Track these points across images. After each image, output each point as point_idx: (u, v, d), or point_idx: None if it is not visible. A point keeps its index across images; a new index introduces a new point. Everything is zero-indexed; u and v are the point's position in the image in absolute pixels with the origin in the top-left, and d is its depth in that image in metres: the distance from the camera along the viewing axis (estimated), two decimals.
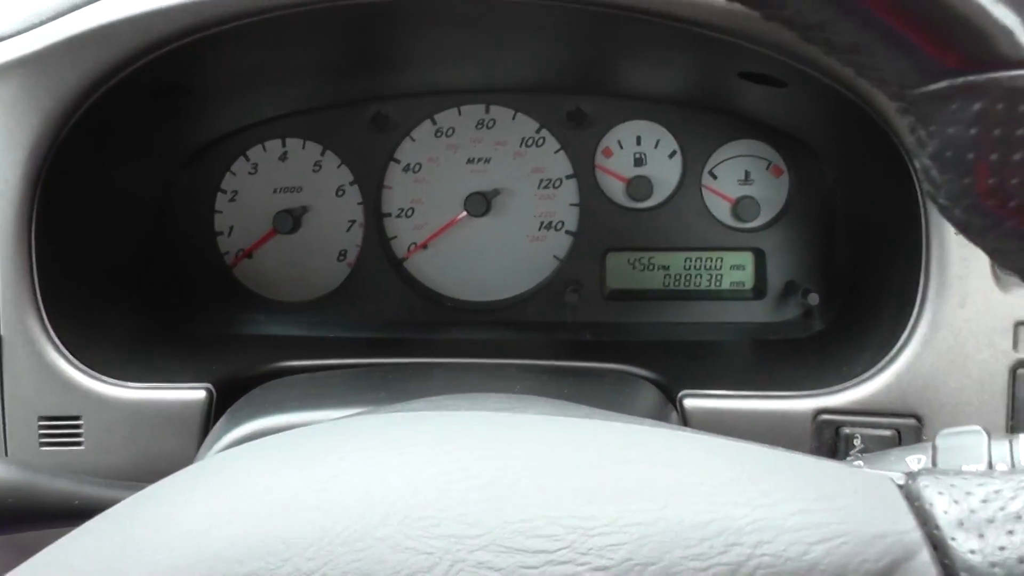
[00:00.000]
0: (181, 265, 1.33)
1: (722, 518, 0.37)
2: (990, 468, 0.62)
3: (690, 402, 0.96)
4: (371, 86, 1.31)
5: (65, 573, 0.40)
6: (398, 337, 1.26)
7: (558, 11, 0.96)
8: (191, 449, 0.97)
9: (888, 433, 0.91)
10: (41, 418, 0.98)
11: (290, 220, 1.32)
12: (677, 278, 1.32)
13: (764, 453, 0.44)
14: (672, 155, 1.31)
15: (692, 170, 1.30)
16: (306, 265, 1.36)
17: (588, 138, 1.32)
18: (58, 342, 0.98)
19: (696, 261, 1.31)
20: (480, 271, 1.35)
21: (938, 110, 0.40)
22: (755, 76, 1.05)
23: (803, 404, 0.93)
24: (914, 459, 0.67)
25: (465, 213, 1.33)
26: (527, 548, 0.36)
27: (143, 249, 1.26)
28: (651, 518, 0.37)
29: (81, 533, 0.43)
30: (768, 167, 1.29)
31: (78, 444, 0.98)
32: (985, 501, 0.38)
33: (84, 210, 1.09)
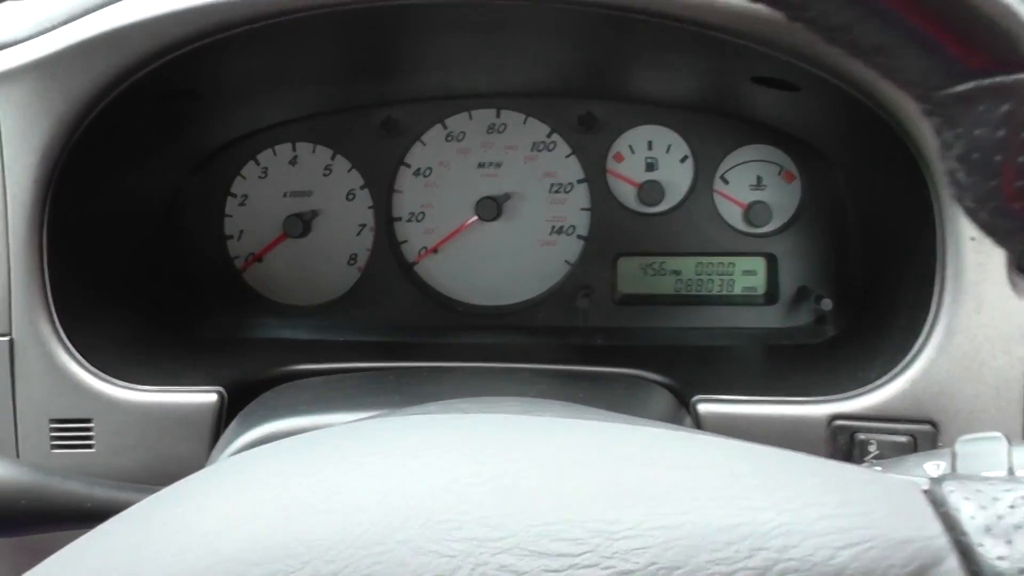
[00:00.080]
0: (191, 269, 1.33)
1: (748, 522, 0.36)
2: (1010, 474, 0.61)
3: (704, 407, 0.96)
4: (382, 90, 1.31)
5: (81, 575, 0.40)
6: (408, 341, 1.26)
7: (570, 15, 0.96)
8: (202, 452, 0.97)
9: (904, 439, 0.91)
10: (52, 421, 0.98)
11: (300, 224, 1.32)
12: (689, 283, 1.32)
13: (788, 457, 0.43)
14: (684, 160, 1.31)
15: (704, 175, 1.30)
16: (316, 269, 1.36)
17: (599, 142, 1.32)
18: (69, 345, 0.98)
19: (708, 266, 1.31)
20: (491, 275, 1.35)
21: (965, 112, 0.39)
22: (768, 80, 1.04)
23: (818, 410, 0.93)
24: (932, 465, 0.66)
25: (476, 217, 1.33)
26: (550, 552, 0.36)
27: (153, 253, 1.26)
28: (676, 522, 0.36)
29: (97, 535, 0.43)
30: (780, 172, 1.29)
31: (89, 447, 0.98)
32: (1012, 507, 0.38)
33: (95, 213, 1.09)
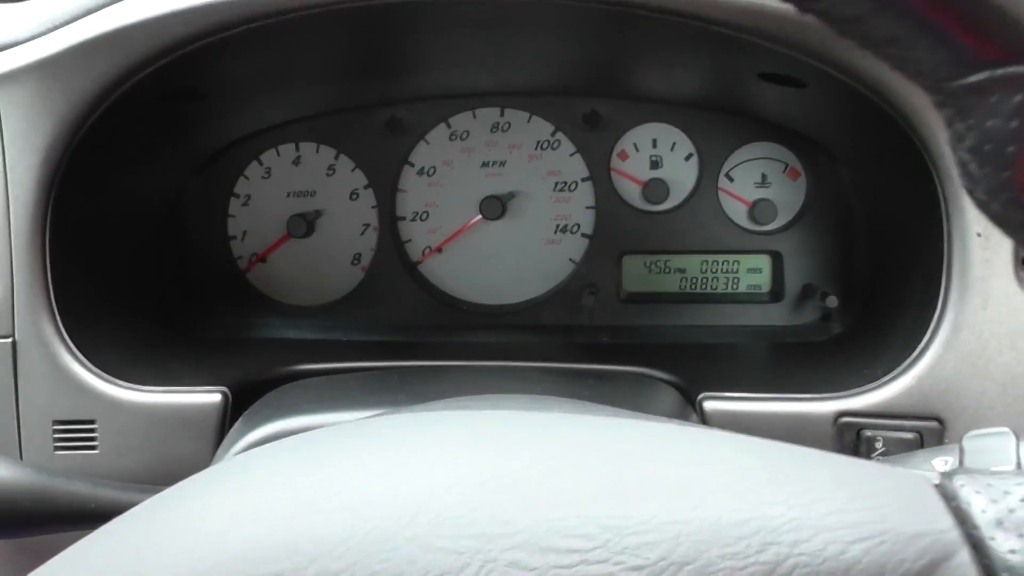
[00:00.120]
0: (195, 269, 1.33)
1: (759, 517, 0.36)
2: (1020, 469, 0.61)
3: (710, 404, 0.96)
4: (385, 90, 1.31)
5: (86, 575, 0.40)
6: (413, 341, 1.26)
7: (573, 11, 0.96)
8: (206, 453, 0.97)
9: (910, 436, 0.90)
10: (56, 422, 0.98)
11: (304, 224, 1.32)
12: (694, 281, 1.31)
13: (797, 452, 0.43)
14: (688, 158, 1.30)
15: (708, 173, 1.30)
16: (320, 269, 1.36)
17: (604, 141, 1.31)
18: (72, 346, 0.98)
19: (713, 264, 1.31)
20: (495, 275, 1.35)
21: (977, 103, 0.39)
22: (774, 77, 1.04)
23: (824, 406, 0.93)
24: (940, 461, 0.66)
25: (480, 216, 1.33)
26: (560, 547, 0.35)
27: (156, 253, 1.25)
28: (687, 517, 0.36)
29: (101, 535, 0.43)
30: (785, 170, 1.28)
31: (93, 448, 0.98)
32: (1023, 501, 0.37)
33: (98, 214, 1.09)
